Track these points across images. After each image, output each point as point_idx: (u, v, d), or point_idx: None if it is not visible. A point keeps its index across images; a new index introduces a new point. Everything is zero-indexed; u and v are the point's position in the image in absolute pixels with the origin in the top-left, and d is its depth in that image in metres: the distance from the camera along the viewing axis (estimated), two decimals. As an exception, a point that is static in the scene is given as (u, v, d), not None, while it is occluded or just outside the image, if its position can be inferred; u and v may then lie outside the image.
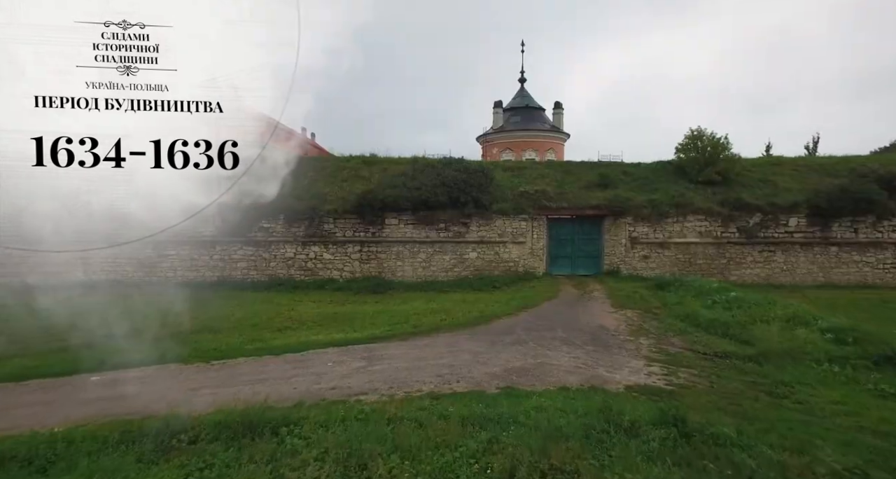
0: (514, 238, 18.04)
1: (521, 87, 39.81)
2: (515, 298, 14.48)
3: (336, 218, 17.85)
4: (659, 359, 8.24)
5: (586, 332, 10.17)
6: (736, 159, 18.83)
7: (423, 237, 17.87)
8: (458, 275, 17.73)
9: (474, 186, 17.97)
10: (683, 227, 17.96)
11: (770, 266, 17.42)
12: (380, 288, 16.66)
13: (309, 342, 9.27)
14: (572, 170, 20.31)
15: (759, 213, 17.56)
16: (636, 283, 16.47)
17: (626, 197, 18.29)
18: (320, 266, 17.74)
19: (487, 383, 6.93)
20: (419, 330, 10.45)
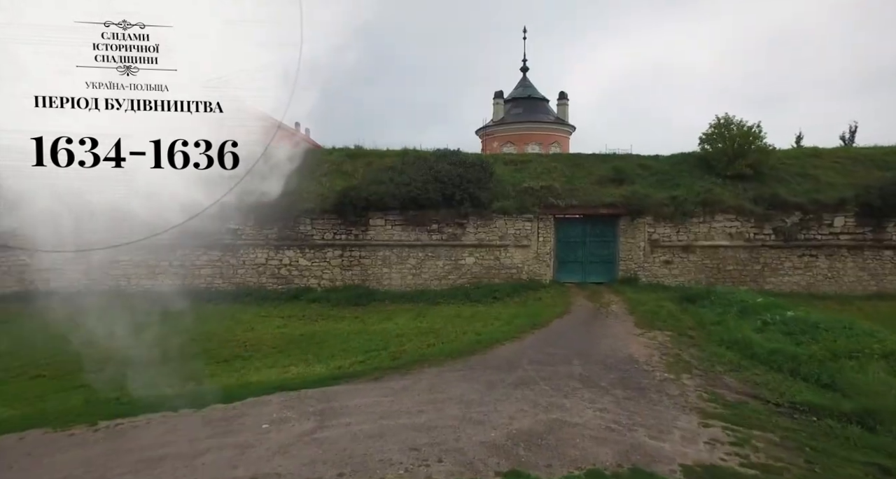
0: (516, 241, 15.82)
1: (523, 76, 37.39)
2: (519, 313, 12.29)
3: (314, 218, 15.66)
4: (718, 414, 6.04)
5: (611, 366, 7.98)
6: (770, 150, 16.56)
7: (412, 240, 15.66)
8: (453, 283, 15.54)
9: (472, 181, 15.75)
10: (711, 228, 15.72)
11: (812, 273, 15.18)
12: (362, 299, 14.49)
13: (251, 385, 7.10)
14: (582, 163, 18.05)
15: (798, 211, 15.32)
16: (658, 293, 14.26)
17: (644, 194, 16.05)
18: (295, 273, 15.56)
19: (482, 464, 4.77)
20: (398, 362, 8.28)
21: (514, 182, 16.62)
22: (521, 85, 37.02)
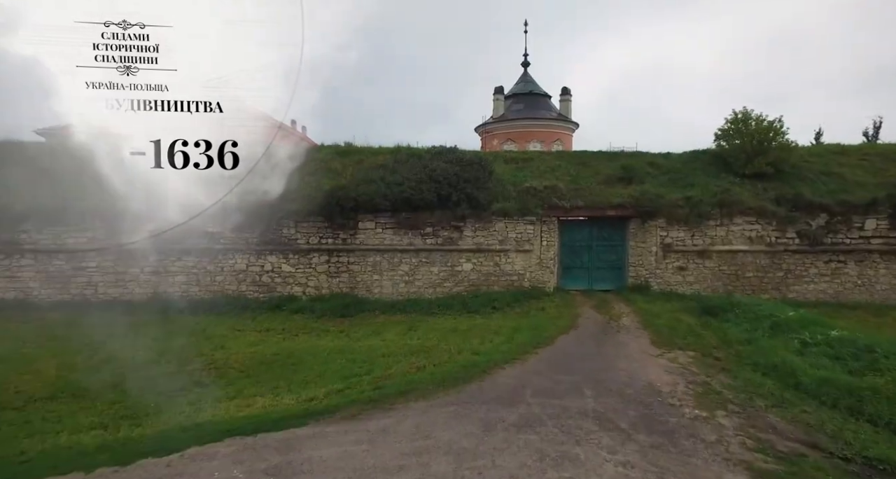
0: (518, 245, 14.61)
1: (524, 71, 36.09)
2: (521, 326, 11.09)
3: (298, 221, 14.45)
4: (771, 472, 4.82)
5: (630, 398, 6.78)
6: (792, 147, 15.33)
7: (405, 245, 14.46)
8: (449, 292, 14.33)
9: (469, 181, 14.55)
10: (729, 231, 14.50)
11: (840, 280, 13.96)
12: (350, 310, 13.29)
13: (200, 427, 5.88)
14: (588, 161, 16.83)
15: (824, 213, 14.09)
16: (673, 303, 13.05)
17: (655, 194, 14.82)
18: (278, 281, 14.35)
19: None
20: (381, 393, 7.07)
21: (516, 182, 15.41)
22: (521, 80, 35.73)
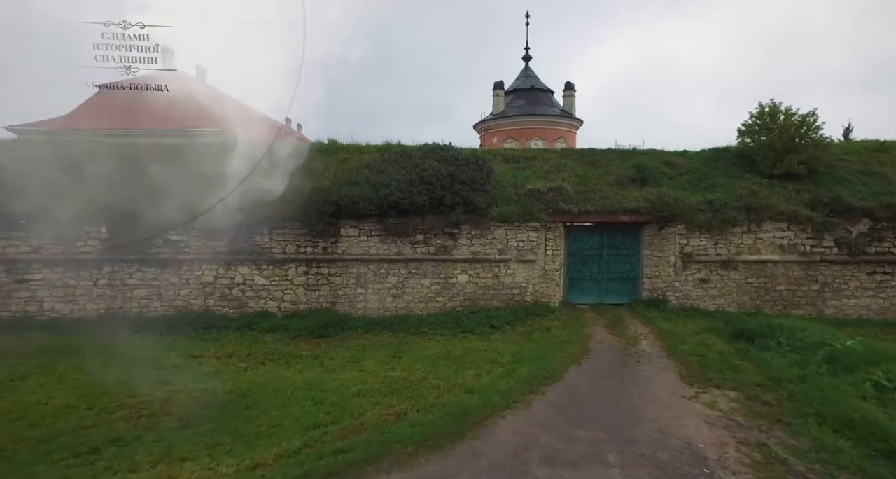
0: (519, 255, 13.03)
1: (525, 66, 34.41)
2: (523, 353, 9.52)
3: (273, 228, 12.87)
4: None
5: (667, 468, 5.18)
6: (826, 144, 13.74)
7: (393, 254, 12.87)
8: (442, 307, 12.75)
9: (465, 182, 12.96)
10: (757, 239, 12.91)
11: (886, 295, 12.38)
12: (329, 329, 11.71)
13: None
14: (597, 160, 15.22)
15: (866, 218, 12.52)
16: (696, 322, 11.47)
17: (673, 197, 13.23)
18: (250, 295, 12.76)
19: None
20: (345, 460, 5.47)
21: (517, 183, 13.83)
22: (523, 75, 34.07)
